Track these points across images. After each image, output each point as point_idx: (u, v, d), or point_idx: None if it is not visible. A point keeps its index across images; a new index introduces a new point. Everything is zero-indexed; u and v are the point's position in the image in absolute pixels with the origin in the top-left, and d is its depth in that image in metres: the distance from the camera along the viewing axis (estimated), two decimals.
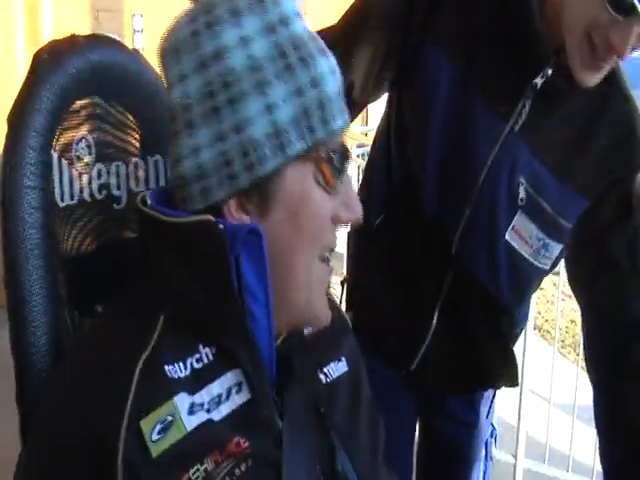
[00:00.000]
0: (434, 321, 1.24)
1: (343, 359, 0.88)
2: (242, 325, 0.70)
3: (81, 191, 0.84)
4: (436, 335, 1.25)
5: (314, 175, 0.72)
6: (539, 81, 1.08)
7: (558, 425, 3.00)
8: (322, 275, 0.76)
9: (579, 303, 1.26)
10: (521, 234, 1.16)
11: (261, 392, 0.72)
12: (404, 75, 1.18)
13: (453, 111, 1.14)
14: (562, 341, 7.34)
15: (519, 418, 2.84)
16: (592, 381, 1.25)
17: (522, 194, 1.13)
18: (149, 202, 0.73)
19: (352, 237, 1.38)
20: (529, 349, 2.88)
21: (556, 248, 1.18)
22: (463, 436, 1.41)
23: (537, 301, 8.57)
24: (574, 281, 1.27)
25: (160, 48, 0.73)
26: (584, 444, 2.85)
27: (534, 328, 6.73)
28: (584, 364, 1.31)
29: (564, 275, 1.72)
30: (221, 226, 0.68)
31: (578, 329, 3.66)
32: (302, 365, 0.78)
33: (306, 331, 0.83)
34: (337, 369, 0.86)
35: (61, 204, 0.81)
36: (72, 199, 0.82)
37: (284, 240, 0.72)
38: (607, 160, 1.15)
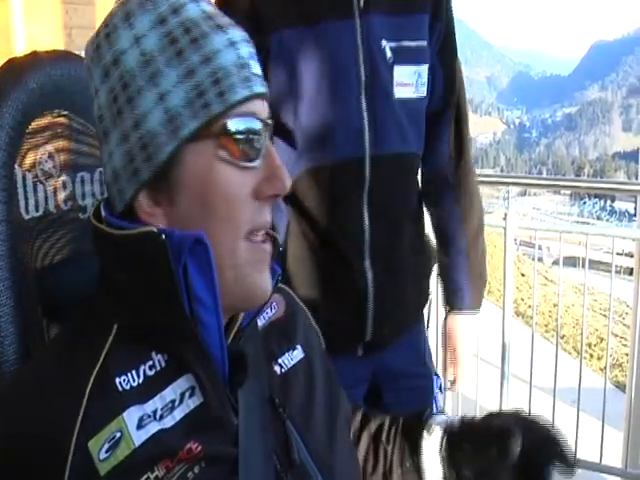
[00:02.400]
0: (368, 272, 1.33)
1: (298, 347, 0.89)
2: (192, 333, 0.70)
3: (46, 203, 0.86)
4: (375, 286, 1.34)
5: (215, 152, 0.70)
6: None
7: (540, 407, 3.05)
8: (251, 255, 0.73)
9: None
10: (403, 82, 1.33)
11: (214, 394, 0.72)
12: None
13: (309, 53, 1.26)
14: (546, 325, 7.47)
15: (501, 402, 2.90)
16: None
17: (388, 53, 1.30)
18: (102, 212, 0.74)
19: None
20: (511, 334, 2.94)
21: (424, 71, 1.36)
22: (417, 397, 1.49)
23: (520, 287, 8.68)
24: None
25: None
26: (566, 426, 2.90)
27: (517, 314, 6.82)
28: (566, 346, 1.40)
29: (547, 261, 1.79)
30: (163, 237, 0.68)
31: (561, 313, 3.73)
32: (256, 360, 0.79)
33: (260, 323, 0.84)
34: (292, 358, 0.87)
35: (26, 216, 0.83)
36: (37, 211, 0.85)
37: (199, 225, 0.70)
38: None
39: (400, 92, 1.33)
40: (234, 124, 0.71)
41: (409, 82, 1.34)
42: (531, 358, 2.98)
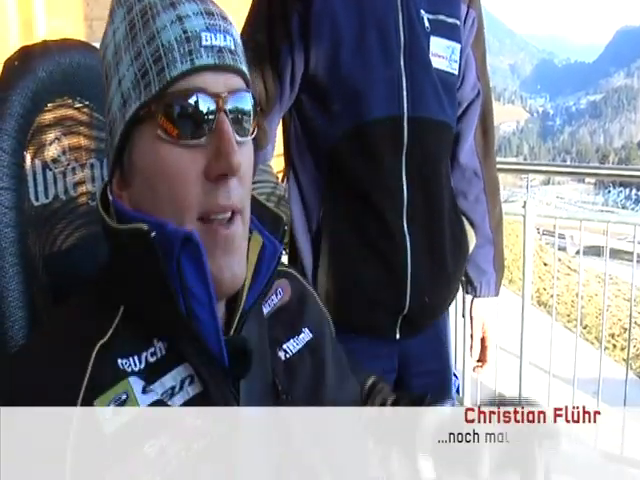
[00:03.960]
0: (406, 235, 1.35)
1: (306, 329, 0.88)
2: (186, 327, 0.70)
3: (56, 189, 0.87)
4: (414, 251, 1.35)
5: (155, 132, 0.69)
6: None
7: (560, 398, 3.03)
8: (205, 237, 0.70)
9: None
10: (438, 53, 1.37)
11: (212, 385, 0.72)
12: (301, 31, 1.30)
13: (352, 14, 1.30)
14: (568, 315, 7.40)
15: (520, 391, 2.88)
16: None
17: (426, 22, 1.35)
18: (109, 195, 0.75)
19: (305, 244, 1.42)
20: (532, 324, 2.92)
21: (457, 49, 1.41)
22: (436, 391, 1.50)
23: (542, 277, 8.60)
24: None
25: None
26: None
27: (539, 304, 6.77)
28: (588, 337, 1.43)
29: (571, 250, 1.82)
30: (153, 234, 0.67)
31: (583, 303, 3.69)
32: (260, 348, 0.79)
33: (265, 310, 0.84)
34: (298, 342, 0.86)
35: (36, 203, 0.85)
36: (47, 197, 0.86)
37: (150, 208, 0.70)
38: None
39: (435, 62, 1.36)
40: (172, 101, 0.69)
41: (443, 55, 1.38)
42: (550, 348, 2.96)
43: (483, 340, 1.61)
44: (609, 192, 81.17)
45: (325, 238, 1.36)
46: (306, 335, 0.88)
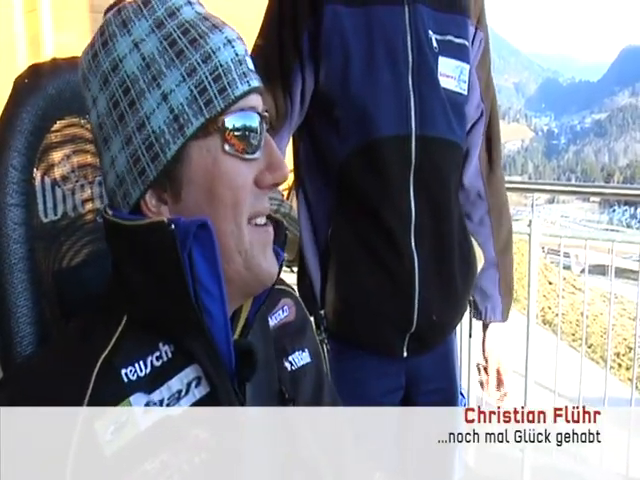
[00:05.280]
0: (414, 253, 1.35)
1: (306, 350, 0.90)
2: (198, 323, 0.72)
3: (65, 206, 0.88)
4: (421, 269, 1.35)
5: (221, 146, 0.74)
6: None
7: None
8: (256, 237, 0.76)
9: None
10: (446, 73, 1.38)
11: (220, 385, 0.73)
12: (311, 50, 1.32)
13: (361, 33, 1.32)
14: (573, 334, 7.37)
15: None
16: None
17: (434, 43, 1.36)
18: (109, 211, 0.76)
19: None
20: (537, 343, 2.91)
21: (465, 69, 1.42)
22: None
23: (547, 296, 8.58)
24: None
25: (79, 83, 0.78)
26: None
27: (544, 323, 6.74)
28: (593, 356, 1.42)
29: (575, 269, 1.82)
30: (172, 226, 0.70)
31: (589, 322, 3.68)
32: (266, 354, 0.80)
33: (272, 323, 0.86)
34: (301, 358, 0.89)
35: (45, 219, 0.85)
36: (55, 214, 0.87)
37: (205, 215, 0.73)
38: None
39: (444, 82, 1.38)
40: (236, 118, 0.74)
41: (452, 75, 1.39)
42: (555, 367, 2.95)
43: (499, 372, 1.59)
44: (614, 211, 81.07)
45: (333, 254, 1.37)
46: (307, 356, 0.90)
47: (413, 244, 1.35)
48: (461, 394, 1.60)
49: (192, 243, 0.71)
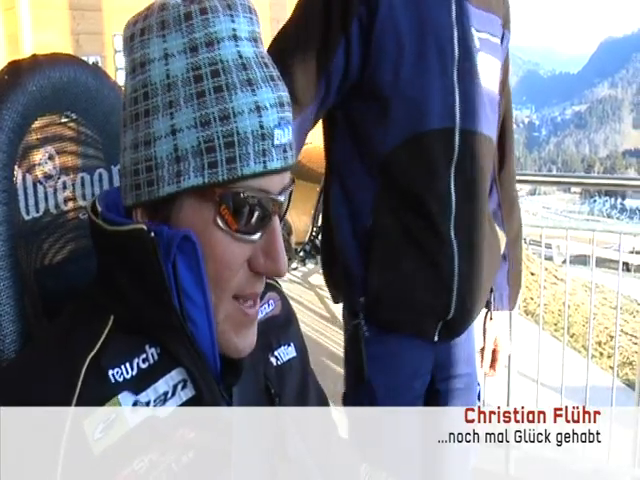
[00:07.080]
0: (454, 243, 1.38)
1: (292, 344, 0.90)
2: (181, 329, 0.70)
3: (46, 203, 0.87)
4: (460, 257, 1.39)
5: (213, 217, 0.68)
6: None
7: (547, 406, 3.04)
8: (234, 315, 0.73)
9: None
10: (485, 70, 1.40)
11: (206, 389, 0.72)
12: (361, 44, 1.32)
13: (414, 25, 1.33)
14: (555, 324, 7.43)
15: (508, 400, 2.89)
16: None
17: (476, 39, 1.39)
18: (98, 207, 0.74)
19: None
20: (520, 333, 2.94)
21: (499, 67, 1.46)
22: (464, 395, 1.56)
23: (529, 286, 8.64)
24: None
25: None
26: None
27: (526, 313, 6.80)
28: (575, 345, 1.47)
29: (557, 260, 1.86)
30: (152, 234, 0.68)
31: (571, 312, 3.72)
32: (251, 355, 0.79)
33: (259, 316, 0.85)
34: (287, 353, 0.88)
35: (26, 217, 0.85)
36: (37, 212, 0.86)
37: None
38: None
39: (482, 79, 1.40)
40: (238, 198, 0.68)
41: (489, 72, 1.43)
42: (537, 356, 2.98)
43: (494, 352, 1.65)
44: (595, 201, 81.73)
45: (377, 241, 1.38)
46: (293, 350, 0.90)
47: (453, 235, 1.38)
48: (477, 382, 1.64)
49: (176, 253, 0.69)
